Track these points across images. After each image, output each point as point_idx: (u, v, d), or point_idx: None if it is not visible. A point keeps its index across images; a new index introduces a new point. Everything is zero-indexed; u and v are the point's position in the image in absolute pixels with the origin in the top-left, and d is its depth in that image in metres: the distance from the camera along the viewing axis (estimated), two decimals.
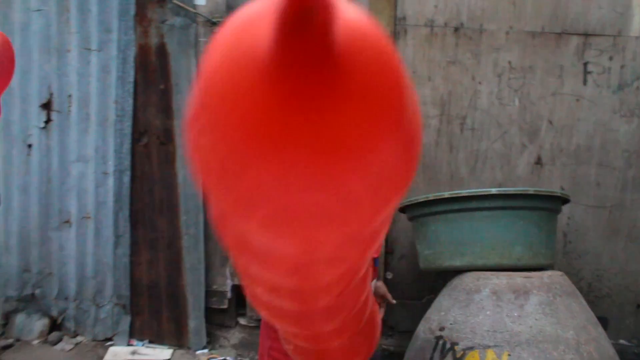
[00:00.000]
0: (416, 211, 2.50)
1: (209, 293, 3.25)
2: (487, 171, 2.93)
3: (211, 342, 3.22)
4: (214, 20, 3.06)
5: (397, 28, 2.92)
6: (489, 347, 1.92)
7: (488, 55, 2.86)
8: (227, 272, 3.24)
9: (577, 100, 2.92)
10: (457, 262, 2.28)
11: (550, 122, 2.89)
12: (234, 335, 3.29)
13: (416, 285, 2.96)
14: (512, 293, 2.09)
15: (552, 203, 2.36)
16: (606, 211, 2.97)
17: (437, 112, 2.93)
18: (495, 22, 2.85)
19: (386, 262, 3.00)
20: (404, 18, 2.91)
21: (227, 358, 3.02)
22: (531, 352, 1.92)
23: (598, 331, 2.13)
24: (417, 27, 2.91)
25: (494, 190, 2.25)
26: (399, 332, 3.11)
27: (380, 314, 1.36)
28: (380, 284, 1.93)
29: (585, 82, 2.93)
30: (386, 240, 2.98)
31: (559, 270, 2.88)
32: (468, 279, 2.19)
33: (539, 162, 2.93)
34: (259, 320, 2.81)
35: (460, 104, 2.92)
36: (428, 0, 2.87)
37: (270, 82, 0.41)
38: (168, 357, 3.08)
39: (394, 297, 2.93)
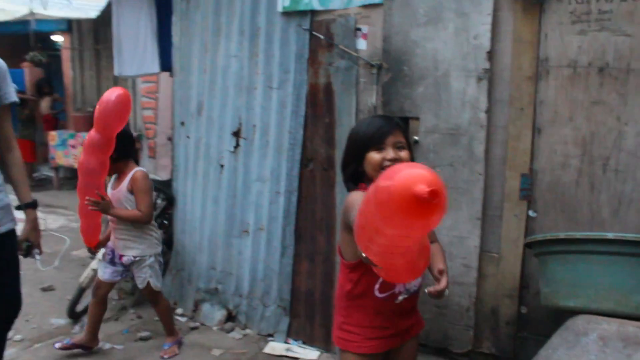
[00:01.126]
0: (538, 248, 2.63)
1: None
2: (632, 215, 2.89)
3: None
4: (373, 62, 3.52)
5: (539, 69, 3.05)
6: None
7: (636, 96, 2.85)
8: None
9: None
10: (571, 303, 2.35)
11: None
12: None
13: (550, 323, 3.03)
14: (620, 341, 2.07)
15: None
16: None
17: (579, 152, 2.99)
18: None
19: (521, 295, 3.14)
20: (547, 59, 3.04)
21: None
22: None
23: None
24: (559, 67, 3.02)
25: (610, 235, 2.26)
26: None
27: None
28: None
29: None
30: (521, 275, 3.12)
31: None
32: (580, 320, 2.24)
33: None
34: None
35: (604, 145, 2.94)
36: (572, 42, 2.96)
37: (417, 206, 1.20)
38: (314, 358, 3.60)
39: (527, 332, 3.08)
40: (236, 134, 4.03)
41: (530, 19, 3.02)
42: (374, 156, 2.04)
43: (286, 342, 3.73)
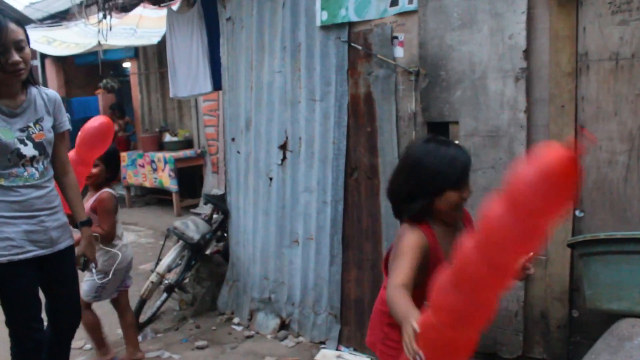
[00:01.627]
0: (581, 249, 2.50)
1: None
2: None
3: None
4: (410, 69, 3.46)
5: (579, 65, 2.88)
6: None
7: None
8: None
9: None
10: (615, 306, 2.21)
11: None
12: None
13: (603, 326, 2.84)
14: None
15: None
16: None
17: (626, 147, 2.80)
18: None
19: (571, 299, 2.96)
20: (586, 54, 2.87)
21: None
22: None
23: None
24: (600, 61, 2.85)
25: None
26: None
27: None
28: None
29: None
30: (570, 278, 2.95)
31: None
32: (624, 324, 2.12)
33: None
34: None
35: None
36: (612, 33, 2.79)
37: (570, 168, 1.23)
38: None
39: (580, 336, 2.92)
40: (283, 147, 4.05)
41: (566, 14, 2.88)
42: (453, 195, 1.95)
43: (337, 349, 3.69)
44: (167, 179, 8.01)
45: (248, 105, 4.31)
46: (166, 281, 4.38)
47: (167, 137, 8.54)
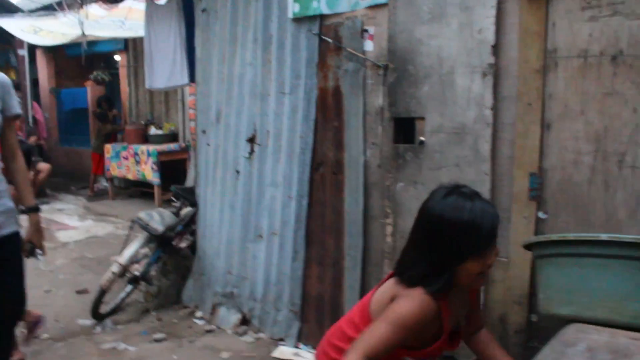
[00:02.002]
0: (535, 251, 2.29)
1: None
2: None
3: None
4: (379, 63, 3.28)
5: (548, 61, 2.71)
6: None
7: None
8: None
9: None
10: (564, 311, 2.02)
11: None
12: None
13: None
14: (609, 353, 1.78)
15: None
16: None
17: (591, 148, 2.63)
18: None
19: (530, 303, 2.79)
20: (555, 50, 2.69)
21: None
22: None
23: None
24: (569, 58, 2.67)
25: (604, 236, 1.94)
26: None
27: None
28: None
29: None
30: (531, 281, 2.77)
31: None
32: (571, 330, 1.94)
33: None
34: None
35: (619, 140, 2.57)
36: (582, 29, 2.61)
37: None
38: None
39: (537, 341, 2.74)
40: (251, 140, 3.88)
41: (536, 8, 2.71)
42: (475, 265, 1.59)
43: (296, 347, 3.50)
44: (149, 172, 7.80)
45: (219, 97, 4.13)
46: (135, 273, 4.18)
47: (153, 130, 8.32)
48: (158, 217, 4.10)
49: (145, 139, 8.33)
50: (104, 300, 4.02)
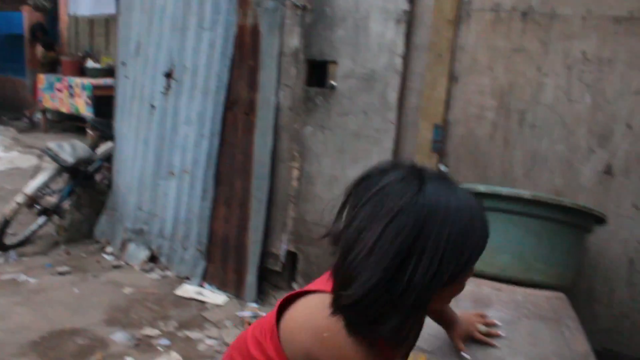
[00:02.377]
0: None
1: (267, 254, 3.33)
2: (546, 175, 2.47)
3: (264, 299, 3.32)
4: (298, 3, 3.07)
5: (461, 13, 2.57)
6: (420, 349, 1.68)
7: (558, 44, 2.38)
8: (283, 238, 3.28)
9: None
10: None
11: (629, 126, 2.31)
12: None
13: None
14: (471, 302, 1.75)
15: (566, 215, 1.90)
16: None
17: (495, 103, 2.54)
18: (571, 6, 2.34)
19: None
20: (469, 2, 2.55)
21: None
22: None
23: None
24: (482, 11, 2.55)
25: (482, 188, 1.92)
26: None
27: None
28: None
29: None
30: None
31: (620, 299, 2.37)
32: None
33: (608, 171, 2.37)
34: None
35: (522, 97, 2.49)
36: None
37: None
38: (221, 303, 3.23)
39: None
40: (168, 75, 3.62)
41: None
42: (456, 287, 1.00)
43: (201, 286, 3.38)
44: (83, 106, 7.37)
45: (140, 29, 3.82)
46: (45, 206, 3.92)
47: (90, 64, 7.82)
48: (69, 149, 3.83)
49: (82, 72, 7.84)
50: (9, 232, 3.77)
